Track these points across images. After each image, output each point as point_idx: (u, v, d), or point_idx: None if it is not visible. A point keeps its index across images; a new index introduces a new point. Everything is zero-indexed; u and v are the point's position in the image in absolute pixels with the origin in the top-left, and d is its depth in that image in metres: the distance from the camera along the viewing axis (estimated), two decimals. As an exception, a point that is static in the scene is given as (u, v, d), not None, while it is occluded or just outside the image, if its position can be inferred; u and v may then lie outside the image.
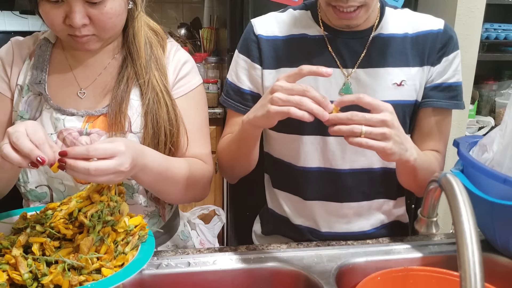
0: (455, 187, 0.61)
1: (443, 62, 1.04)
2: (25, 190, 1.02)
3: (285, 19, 1.09)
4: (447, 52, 1.04)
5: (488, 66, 2.55)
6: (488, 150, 0.91)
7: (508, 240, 0.89)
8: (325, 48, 1.04)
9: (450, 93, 1.06)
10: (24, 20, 2.86)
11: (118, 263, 0.79)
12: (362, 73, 1.03)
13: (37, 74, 1.00)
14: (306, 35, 1.06)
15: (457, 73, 1.06)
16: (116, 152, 0.78)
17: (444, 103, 1.05)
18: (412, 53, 1.04)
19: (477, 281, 0.53)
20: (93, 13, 0.89)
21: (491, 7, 2.09)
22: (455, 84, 1.06)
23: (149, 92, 0.99)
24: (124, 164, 0.79)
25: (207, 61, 2.40)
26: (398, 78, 1.03)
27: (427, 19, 1.06)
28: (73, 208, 0.80)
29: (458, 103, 1.07)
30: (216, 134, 2.29)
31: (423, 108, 1.07)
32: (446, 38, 1.04)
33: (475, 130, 2.44)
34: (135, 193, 1.04)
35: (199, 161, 1.05)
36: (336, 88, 1.03)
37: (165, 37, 1.08)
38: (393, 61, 1.03)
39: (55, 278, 0.72)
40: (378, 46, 1.03)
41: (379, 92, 1.02)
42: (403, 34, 1.04)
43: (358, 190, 1.09)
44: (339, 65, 1.04)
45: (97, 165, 0.76)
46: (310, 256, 0.94)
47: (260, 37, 1.08)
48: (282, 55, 1.07)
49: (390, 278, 0.84)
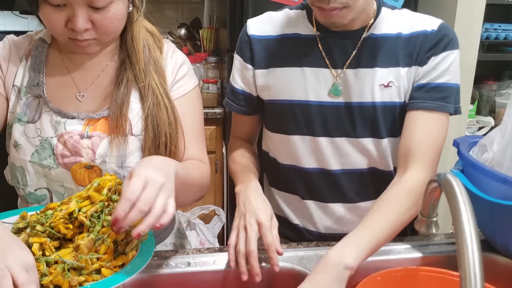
0: (455, 187, 0.61)
1: (430, 61, 1.00)
2: (24, 193, 1.02)
3: (279, 19, 1.09)
4: (437, 52, 1.00)
5: (488, 66, 2.55)
6: (488, 150, 0.91)
7: (508, 240, 0.89)
8: (316, 48, 1.04)
9: (438, 94, 1.00)
10: (24, 20, 2.87)
11: (118, 263, 0.79)
12: (350, 74, 1.02)
13: (34, 76, 0.99)
14: (298, 35, 1.06)
15: (448, 74, 1.00)
16: (144, 179, 0.75)
17: (429, 104, 0.99)
18: (402, 54, 1.01)
19: (477, 281, 0.53)
20: (96, 18, 0.88)
21: (491, 7, 2.09)
22: (443, 84, 1.00)
23: (149, 96, 0.99)
24: (158, 180, 0.76)
25: (207, 61, 2.40)
26: (386, 79, 1.01)
27: (424, 19, 1.03)
28: (73, 208, 0.80)
29: (446, 106, 0.99)
30: (216, 134, 2.29)
31: (408, 110, 1.01)
32: (437, 38, 1.00)
33: (475, 130, 2.44)
34: None
35: (198, 162, 1.05)
36: (325, 89, 1.03)
37: (161, 38, 1.08)
38: (382, 61, 1.01)
39: (55, 278, 0.72)
40: (369, 46, 1.02)
41: (366, 93, 1.01)
42: (396, 34, 1.02)
43: (351, 191, 1.09)
44: (328, 65, 1.03)
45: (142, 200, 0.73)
46: (310, 256, 0.94)
47: (252, 37, 1.08)
48: (273, 55, 1.07)
49: (390, 278, 0.84)
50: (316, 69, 1.03)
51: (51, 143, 0.97)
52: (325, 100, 1.03)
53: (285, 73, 1.05)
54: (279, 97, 1.07)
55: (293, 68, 1.04)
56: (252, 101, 1.13)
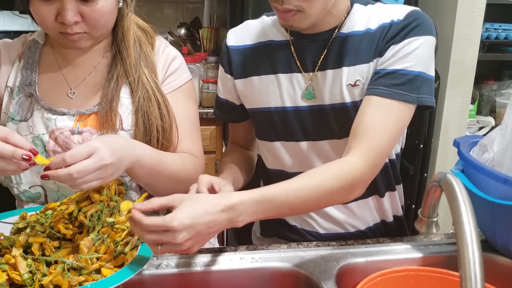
0: (455, 187, 0.61)
1: (390, 49, 0.93)
2: (18, 192, 1.02)
3: (255, 27, 1.09)
4: (397, 40, 0.93)
5: (488, 66, 2.55)
6: (489, 150, 0.91)
7: (508, 240, 0.89)
8: (289, 52, 1.03)
9: (392, 81, 0.92)
10: (24, 20, 2.85)
11: (118, 263, 0.79)
12: (320, 76, 1.00)
13: (27, 76, 1.00)
14: (272, 41, 1.05)
15: (410, 60, 0.91)
16: (91, 150, 0.79)
17: (380, 91, 0.91)
18: (367, 49, 0.96)
19: (477, 281, 0.53)
20: (85, 11, 0.90)
21: (491, 7, 2.09)
22: (401, 71, 0.91)
23: (140, 90, 1.00)
24: (104, 157, 0.80)
25: (207, 61, 2.40)
26: (353, 78, 0.97)
27: (394, 10, 0.96)
28: (73, 208, 0.80)
29: (401, 94, 0.90)
30: (216, 134, 2.29)
31: (364, 96, 0.95)
32: (401, 26, 0.93)
33: (476, 130, 2.44)
34: (128, 191, 1.04)
35: (190, 156, 1.06)
36: (300, 92, 1.02)
37: (154, 35, 1.09)
38: (349, 60, 0.97)
39: (55, 278, 0.72)
40: (336, 46, 0.99)
41: (336, 94, 0.99)
42: (364, 31, 0.97)
43: None
44: (301, 69, 1.02)
45: (77, 167, 0.77)
46: (310, 256, 0.93)
47: (230, 48, 1.08)
48: (249, 64, 1.06)
49: (390, 278, 0.84)
50: (290, 75, 1.02)
51: (42, 139, 0.98)
52: (300, 105, 1.02)
53: (261, 81, 1.05)
54: (257, 105, 1.07)
55: (268, 76, 1.04)
56: (236, 110, 1.13)
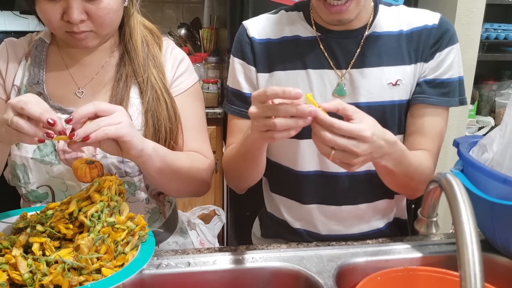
0: (455, 187, 0.61)
1: (436, 57, 1.02)
2: (26, 191, 1.02)
3: (277, 21, 1.08)
4: (441, 47, 1.01)
5: (488, 66, 2.55)
6: (488, 150, 0.91)
7: (508, 240, 0.89)
8: (318, 49, 1.03)
9: (442, 90, 1.02)
10: (24, 20, 2.87)
11: (118, 263, 0.79)
12: (356, 74, 1.02)
13: (34, 74, 1.00)
14: (299, 37, 1.05)
15: (452, 69, 1.03)
16: (116, 109, 0.84)
17: (435, 100, 1.02)
18: (407, 51, 1.02)
19: (477, 281, 0.53)
20: (90, 9, 0.90)
21: (491, 7, 2.09)
22: (448, 80, 1.02)
23: (149, 90, 1.00)
24: (124, 114, 0.84)
25: (207, 61, 2.40)
26: (394, 77, 1.01)
27: (422, 14, 1.04)
28: (73, 208, 0.80)
29: (449, 100, 1.03)
30: (216, 134, 2.29)
31: (413, 104, 1.04)
32: (440, 32, 1.01)
33: (475, 130, 2.44)
34: (137, 190, 1.04)
35: (198, 154, 1.06)
36: (330, 89, 1.02)
37: (160, 36, 1.09)
38: (388, 60, 1.02)
39: (55, 278, 0.72)
40: (372, 45, 1.02)
41: (374, 92, 1.01)
42: (398, 32, 1.02)
43: (356, 193, 1.08)
44: (332, 66, 1.02)
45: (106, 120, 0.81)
46: (310, 256, 0.94)
47: (253, 40, 1.07)
48: (275, 58, 1.06)
49: (390, 278, 0.84)
50: (321, 71, 1.03)
51: None
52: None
53: (288, 76, 1.04)
54: None
55: (296, 71, 1.04)
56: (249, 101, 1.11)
